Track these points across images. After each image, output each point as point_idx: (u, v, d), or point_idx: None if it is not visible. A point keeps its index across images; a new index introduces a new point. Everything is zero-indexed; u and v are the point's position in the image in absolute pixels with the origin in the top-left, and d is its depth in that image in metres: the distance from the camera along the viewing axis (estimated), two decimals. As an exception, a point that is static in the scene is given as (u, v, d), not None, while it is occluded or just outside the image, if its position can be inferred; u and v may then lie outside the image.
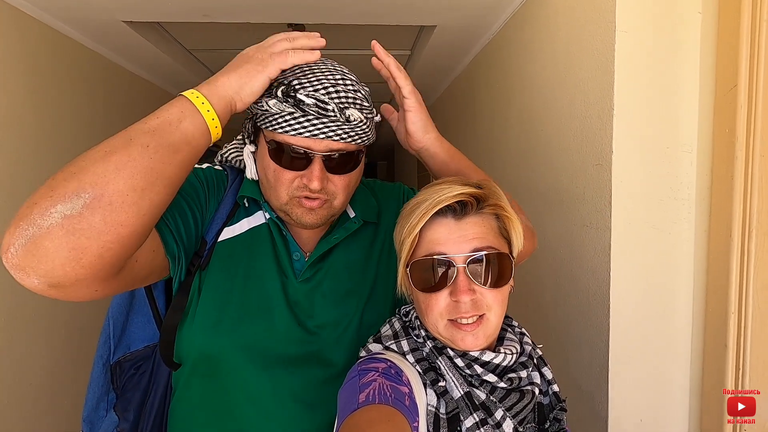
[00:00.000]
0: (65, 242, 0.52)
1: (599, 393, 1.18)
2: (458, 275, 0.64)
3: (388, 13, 1.86)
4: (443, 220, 0.66)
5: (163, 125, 0.61)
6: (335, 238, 0.82)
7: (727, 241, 1.02)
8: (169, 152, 0.59)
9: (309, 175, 0.72)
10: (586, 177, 1.24)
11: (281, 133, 0.71)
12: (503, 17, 1.84)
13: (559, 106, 1.39)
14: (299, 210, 0.76)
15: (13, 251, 0.52)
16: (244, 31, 2.13)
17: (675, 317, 1.15)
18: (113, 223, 0.54)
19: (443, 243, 0.65)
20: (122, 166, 0.56)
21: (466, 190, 0.65)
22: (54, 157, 1.88)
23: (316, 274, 0.82)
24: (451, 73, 2.72)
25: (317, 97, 0.70)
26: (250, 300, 0.77)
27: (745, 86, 0.98)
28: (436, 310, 0.65)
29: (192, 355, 0.77)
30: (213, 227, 0.79)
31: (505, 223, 0.69)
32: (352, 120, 0.72)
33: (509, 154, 1.82)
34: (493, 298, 0.65)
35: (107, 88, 2.27)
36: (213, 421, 0.77)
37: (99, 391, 0.85)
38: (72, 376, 1.97)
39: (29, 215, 0.52)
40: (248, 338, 0.76)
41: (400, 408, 0.57)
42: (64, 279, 0.54)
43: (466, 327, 0.64)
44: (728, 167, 1.02)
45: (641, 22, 1.09)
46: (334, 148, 0.72)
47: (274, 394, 0.76)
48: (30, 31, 1.73)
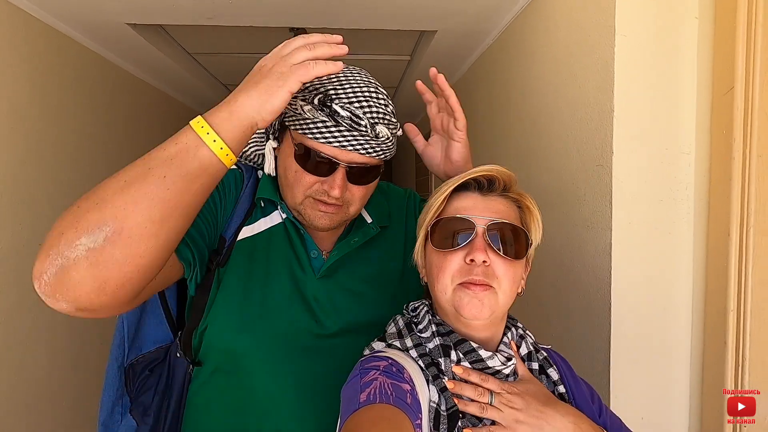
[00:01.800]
0: (89, 273, 0.55)
1: (601, 392, 1.19)
2: (477, 236, 0.66)
3: (389, 18, 1.88)
4: (470, 193, 0.70)
5: (181, 154, 0.59)
6: (355, 242, 0.84)
7: (725, 240, 1.04)
8: (186, 182, 0.59)
9: (331, 183, 0.74)
10: (586, 178, 1.26)
11: (311, 138, 0.72)
12: (504, 22, 1.87)
13: (559, 109, 1.41)
14: (313, 212, 0.77)
15: (45, 279, 0.55)
16: (246, 35, 2.15)
17: (675, 316, 1.16)
18: (133, 255, 0.57)
19: (468, 209, 0.68)
20: (140, 198, 0.57)
21: (499, 168, 0.69)
22: (57, 158, 1.89)
23: (334, 272, 0.83)
24: (452, 78, 2.74)
25: (352, 110, 0.71)
26: (270, 297, 0.78)
27: (742, 88, 1.00)
28: (448, 272, 0.66)
29: (213, 352, 0.78)
30: (231, 225, 0.80)
31: (526, 215, 0.72)
32: (381, 137, 0.74)
33: (510, 157, 1.84)
34: (504, 270, 0.66)
35: (110, 90, 2.28)
36: (232, 417, 0.78)
37: (114, 395, 0.86)
38: (71, 376, 1.96)
39: (57, 245, 0.55)
40: (269, 335, 0.76)
41: (402, 406, 0.57)
42: (89, 305, 0.57)
43: (475, 288, 0.64)
44: (726, 168, 1.04)
45: (640, 26, 1.12)
46: (358, 161, 0.74)
47: (293, 390, 0.76)
48: (34, 32, 1.74)
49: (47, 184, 1.83)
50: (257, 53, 2.48)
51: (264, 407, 0.76)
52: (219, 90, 3.19)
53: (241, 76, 0.68)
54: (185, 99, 3.27)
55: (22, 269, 1.68)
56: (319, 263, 0.82)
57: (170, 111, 3.07)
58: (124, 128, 2.40)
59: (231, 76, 2.93)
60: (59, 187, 1.90)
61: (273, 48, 0.67)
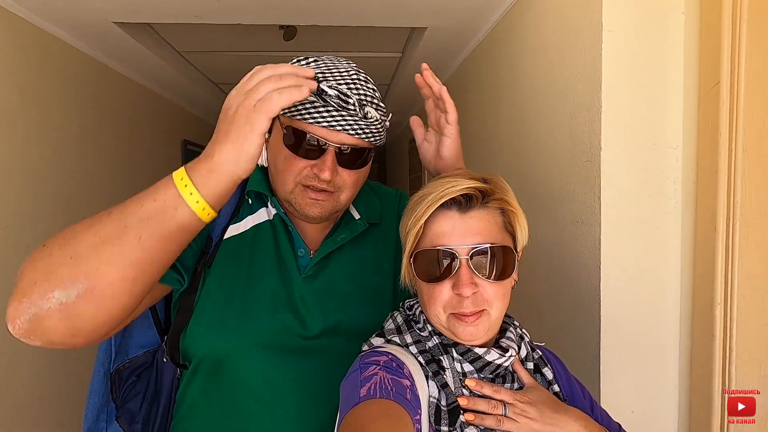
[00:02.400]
0: (63, 323, 0.56)
1: (591, 386, 1.20)
2: (461, 267, 0.64)
3: (379, 15, 1.88)
4: (448, 212, 0.66)
5: (159, 213, 0.57)
6: (341, 239, 0.83)
7: (712, 233, 1.05)
8: (162, 243, 0.58)
9: (321, 166, 0.73)
10: (575, 174, 1.26)
11: (299, 119, 0.72)
12: (493, 19, 1.87)
13: (549, 105, 1.41)
14: (303, 200, 0.76)
15: (19, 324, 0.56)
16: (235, 33, 2.14)
17: (664, 310, 1.18)
18: (106, 309, 0.57)
19: (447, 235, 0.65)
20: (114, 259, 0.56)
21: (472, 183, 0.66)
22: (43, 158, 1.87)
23: (321, 271, 0.82)
24: (443, 75, 2.75)
25: (340, 89, 0.70)
26: (254, 297, 0.77)
27: (727, 83, 1.01)
28: (438, 302, 0.66)
29: (198, 353, 0.77)
30: (218, 224, 0.79)
31: (510, 217, 0.69)
32: (369, 117, 0.73)
33: (501, 153, 1.85)
34: (494, 293, 0.65)
35: (98, 90, 2.25)
36: (218, 418, 0.77)
37: (100, 401, 0.84)
38: (60, 380, 1.95)
39: (30, 295, 0.56)
40: (253, 334, 0.76)
41: (402, 402, 0.57)
42: (65, 346, 0.59)
43: (467, 318, 0.64)
44: (712, 162, 1.05)
45: (627, 23, 1.12)
46: (348, 142, 0.73)
47: (278, 390, 0.76)
48: (19, 32, 1.72)
49: (33, 184, 1.81)
50: (247, 51, 2.48)
51: (250, 408, 0.76)
52: (209, 88, 3.17)
53: (231, 74, 0.67)
54: (174, 97, 3.24)
55: (7, 271, 1.66)
56: (305, 261, 0.81)
57: (159, 109, 3.04)
58: (112, 127, 2.37)
59: (221, 75, 2.91)
60: (45, 186, 1.88)
61: (263, 46, 0.65)
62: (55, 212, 1.92)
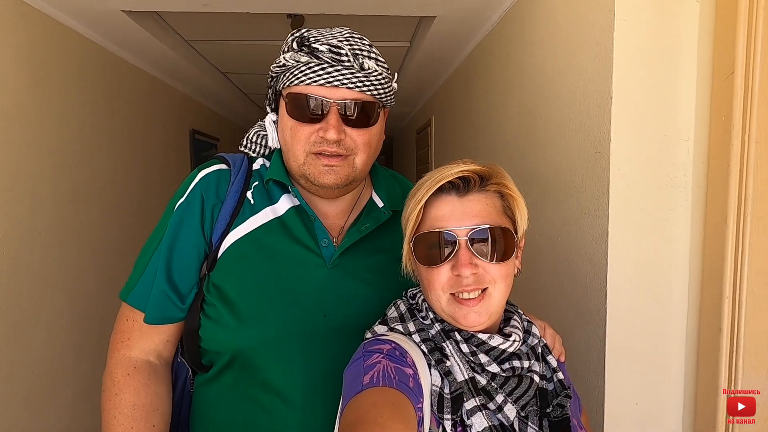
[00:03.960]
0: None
1: (596, 377, 1.20)
2: (460, 249, 0.64)
3: (388, 3, 1.86)
4: (447, 197, 0.67)
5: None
6: (366, 228, 0.81)
7: (722, 227, 1.04)
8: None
9: (325, 126, 0.72)
10: (584, 165, 1.25)
11: (297, 84, 0.72)
12: (503, 7, 1.84)
13: (558, 95, 1.40)
14: (316, 169, 0.74)
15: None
16: (243, 22, 2.13)
17: (671, 303, 1.17)
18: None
19: (446, 218, 0.66)
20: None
21: (469, 167, 0.66)
22: (56, 147, 1.89)
23: (347, 261, 0.81)
24: (451, 64, 2.71)
25: (331, 43, 0.70)
26: (276, 292, 0.77)
27: (742, 73, 0.99)
28: (438, 285, 0.66)
29: (221, 350, 0.77)
30: (217, 228, 0.78)
31: (509, 202, 0.69)
32: (367, 68, 0.72)
33: (509, 143, 1.83)
34: (496, 272, 0.65)
35: (107, 79, 2.27)
36: (240, 414, 0.78)
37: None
38: (73, 365, 1.99)
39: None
40: (277, 328, 0.75)
41: (404, 390, 0.57)
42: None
43: (468, 303, 0.65)
44: (724, 154, 1.03)
45: (640, 11, 1.10)
46: (349, 97, 0.72)
47: (302, 382, 0.76)
48: (30, 20, 1.73)
49: (46, 173, 1.83)
50: (255, 40, 2.47)
51: (272, 403, 0.76)
52: (217, 77, 3.17)
53: (239, 63, 0.67)
54: (182, 87, 3.25)
55: (22, 259, 1.69)
56: (329, 252, 0.80)
57: (168, 98, 3.05)
58: (123, 116, 2.39)
59: (229, 64, 2.90)
60: (59, 175, 1.91)
61: (270, 35, 0.66)
62: (67, 199, 1.95)
